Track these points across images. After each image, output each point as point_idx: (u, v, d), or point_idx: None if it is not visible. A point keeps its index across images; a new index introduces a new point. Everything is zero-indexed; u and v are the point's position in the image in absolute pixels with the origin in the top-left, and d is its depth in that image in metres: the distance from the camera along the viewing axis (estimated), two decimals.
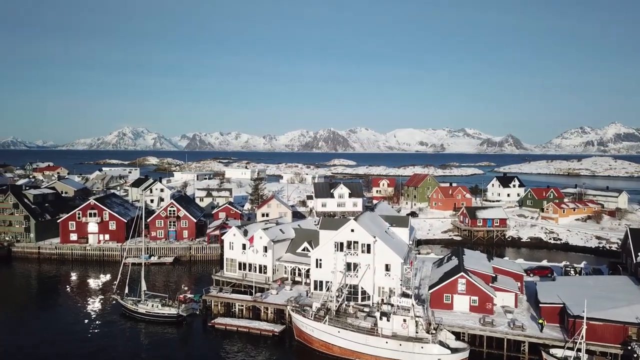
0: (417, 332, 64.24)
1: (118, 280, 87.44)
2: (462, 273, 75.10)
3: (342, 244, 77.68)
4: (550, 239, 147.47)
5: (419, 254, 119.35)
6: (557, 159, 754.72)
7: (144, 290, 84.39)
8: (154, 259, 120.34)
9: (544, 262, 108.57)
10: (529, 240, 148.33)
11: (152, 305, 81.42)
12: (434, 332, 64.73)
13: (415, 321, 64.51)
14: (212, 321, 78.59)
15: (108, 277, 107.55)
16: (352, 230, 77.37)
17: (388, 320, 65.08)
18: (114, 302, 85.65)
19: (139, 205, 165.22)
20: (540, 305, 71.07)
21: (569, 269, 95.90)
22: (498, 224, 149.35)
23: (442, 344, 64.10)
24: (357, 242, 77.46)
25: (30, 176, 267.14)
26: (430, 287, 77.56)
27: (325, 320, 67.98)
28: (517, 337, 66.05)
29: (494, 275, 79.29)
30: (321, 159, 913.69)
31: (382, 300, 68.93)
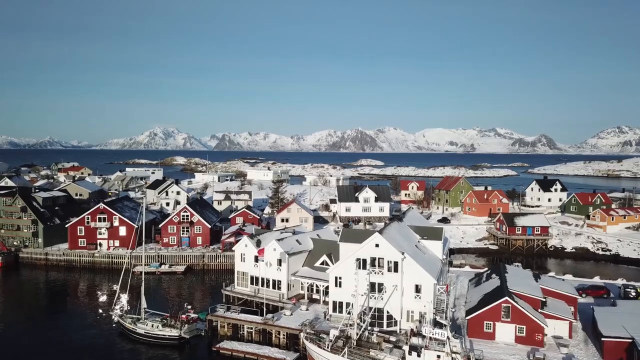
0: None
1: (117, 294, 79.07)
2: (506, 297, 63.86)
3: (365, 260, 67.33)
4: (598, 249, 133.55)
5: (452, 265, 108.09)
6: (593, 159, 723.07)
7: (144, 308, 75.92)
8: (164, 268, 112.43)
9: (597, 279, 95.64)
10: (573, 250, 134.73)
11: (152, 325, 72.82)
12: None
13: (452, 358, 53.79)
14: (217, 345, 69.48)
15: (115, 287, 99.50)
16: (377, 245, 66.93)
17: (419, 356, 54.56)
18: (115, 322, 77.27)
19: (154, 208, 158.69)
20: (603, 339, 59.17)
21: (629, 289, 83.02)
22: (539, 232, 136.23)
23: None
24: (382, 259, 67.00)
25: (55, 176, 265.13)
26: (468, 312, 66.54)
27: (344, 353, 57.88)
28: None
29: (544, 298, 67.62)
30: (348, 159, 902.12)
31: (412, 330, 58.41)
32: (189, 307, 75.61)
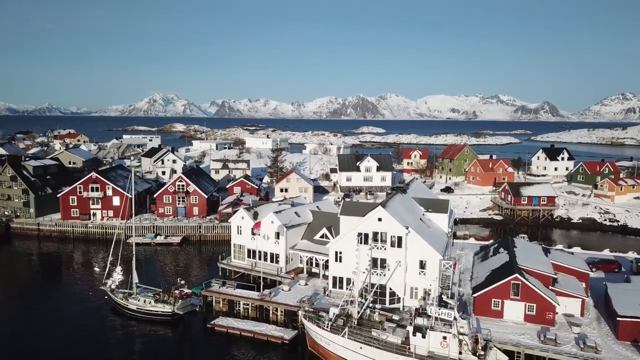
0: (460, 354, 50.46)
1: (107, 268, 75.81)
2: (516, 274, 60.38)
3: (366, 235, 63.61)
4: (605, 220, 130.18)
5: (455, 237, 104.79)
6: (596, 126, 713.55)
7: (136, 283, 72.80)
8: (160, 239, 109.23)
9: (607, 253, 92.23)
10: (580, 221, 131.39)
11: (145, 301, 69.82)
12: (482, 353, 50.84)
13: (459, 339, 50.61)
14: (212, 322, 66.54)
15: (110, 259, 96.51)
16: (380, 220, 63.07)
17: (423, 337, 51.37)
18: (107, 297, 74.27)
19: (150, 177, 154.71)
20: (618, 319, 55.93)
21: None
22: (545, 203, 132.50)
23: None
24: (385, 234, 63.25)
25: (51, 143, 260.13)
26: (475, 289, 63.24)
27: (345, 333, 54.76)
28: None
29: (555, 275, 64.18)
30: (349, 126, 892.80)
31: (417, 310, 55.12)
32: (183, 282, 72.42)
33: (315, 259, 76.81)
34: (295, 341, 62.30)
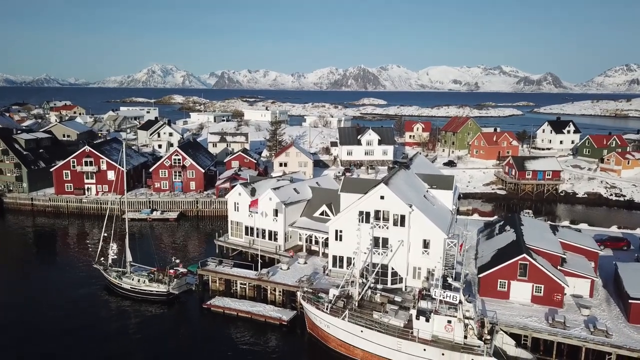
0: (465, 338, 48.35)
1: (100, 245, 73.41)
2: (524, 254, 57.91)
3: (368, 213, 60.90)
4: (611, 195, 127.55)
5: (459, 212, 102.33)
6: (599, 98, 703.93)
7: (130, 262, 70.54)
8: (156, 214, 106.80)
9: (614, 229, 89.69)
10: (585, 196, 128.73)
11: (139, 280, 67.68)
12: (488, 337, 48.70)
13: (465, 323, 48.43)
14: (208, 303, 64.54)
15: (103, 235, 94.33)
16: (382, 197, 60.25)
17: (427, 321, 49.20)
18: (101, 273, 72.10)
19: (146, 150, 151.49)
20: (630, 301, 53.68)
21: None
22: (550, 177, 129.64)
23: (499, 355, 48.27)
24: (387, 212, 60.54)
25: (47, 115, 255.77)
26: (481, 270, 60.92)
27: (345, 315, 52.61)
28: (601, 348, 49.35)
29: (564, 254, 61.73)
30: (350, 97, 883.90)
31: (420, 292, 52.79)
32: (178, 261, 70.14)
33: (315, 237, 74.41)
34: (294, 322, 60.38)
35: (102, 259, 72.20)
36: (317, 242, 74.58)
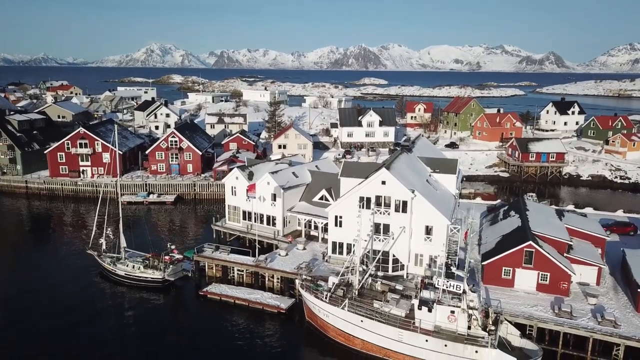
0: (469, 329, 46.78)
1: (94, 230, 71.53)
2: (530, 242, 56.03)
3: (369, 199, 58.85)
4: (615, 177, 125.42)
5: (461, 196, 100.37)
6: (602, 78, 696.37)
7: (124, 247, 68.79)
8: (153, 197, 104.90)
9: (620, 214, 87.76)
10: (589, 178, 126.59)
11: (133, 267, 66.05)
12: (492, 328, 47.13)
13: (469, 314, 46.80)
14: (205, 290, 63.00)
15: (97, 220, 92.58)
16: (384, 183, 58.13)
17: (430, 312, 47.57)
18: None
19: (143, 132, 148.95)
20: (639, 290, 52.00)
21: None
22: (554, 159, 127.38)
23: (504, 346, 46.69)
24: (389, 198, 58.50)
25: (44, 95, 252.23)
26: (484, 257, 59.18)
27: (345, 305, 50.97)
28: (609, 339, 47.78)
29: (570, 241, 59.87)
30: (351, 77, 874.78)
31: (422, 281, 51.07)
32: (173, 247, 68.40)
33: (314, 222, 72.52)
34: (292, 310, 58.90)
35: (98, 243, 70.40)
36: (316, 228, 72.72)
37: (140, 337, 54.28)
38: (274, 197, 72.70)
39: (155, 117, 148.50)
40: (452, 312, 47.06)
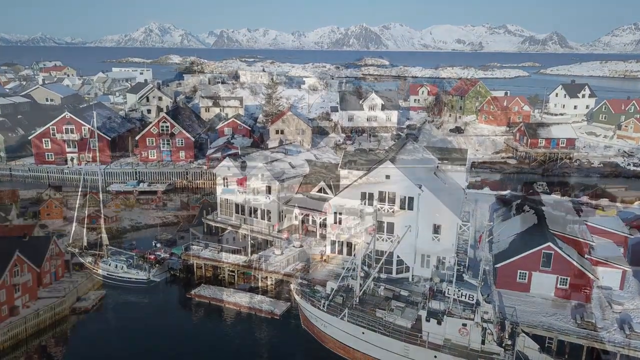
0: (483, 344, 41.92)
1: (74, 225, 66.44)
2: (549, 243, 50.87)
3: (371, 195, 53.55)
4: (628, 164, 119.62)
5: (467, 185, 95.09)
6: (606, 59, 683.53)
7: (106, 245, 63.83)
8: (143, 186, 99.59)
9: (636, 205, 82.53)
10: (601, 165, 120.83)
11: (116, 266, 61.15)
12: (509, 343, 42.30)
13: (483, 327, 41.89)
14: (192, 292, 58.15)
15: (89, 209, 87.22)
16: (388, 177, 52.78)
17: (439, 324, 42.66)
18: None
19: (134, 116, 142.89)
20: None
21: None
22: (564, 145, 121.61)
23: None
24: (393, 194, 53.19)
25: (37, 76, 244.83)
26: (498, 259, 54.11)
27: (344, 314, 46.04)
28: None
29: (592, 242, 54.75)
30: (352, 57, 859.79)
31: (431, 289, 46.06)
32: (159, 245, 63.49)
33: (312, 217, 67.31)
34: (287, 315, 54.11)
35: (79, 239, 65.42)
36: (314, 223, 67.57)
37: (122, 342, 49.76)
38: (269, 189, 67.42)
39: (147, 100, 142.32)
40: (464, 325, 42.20)
